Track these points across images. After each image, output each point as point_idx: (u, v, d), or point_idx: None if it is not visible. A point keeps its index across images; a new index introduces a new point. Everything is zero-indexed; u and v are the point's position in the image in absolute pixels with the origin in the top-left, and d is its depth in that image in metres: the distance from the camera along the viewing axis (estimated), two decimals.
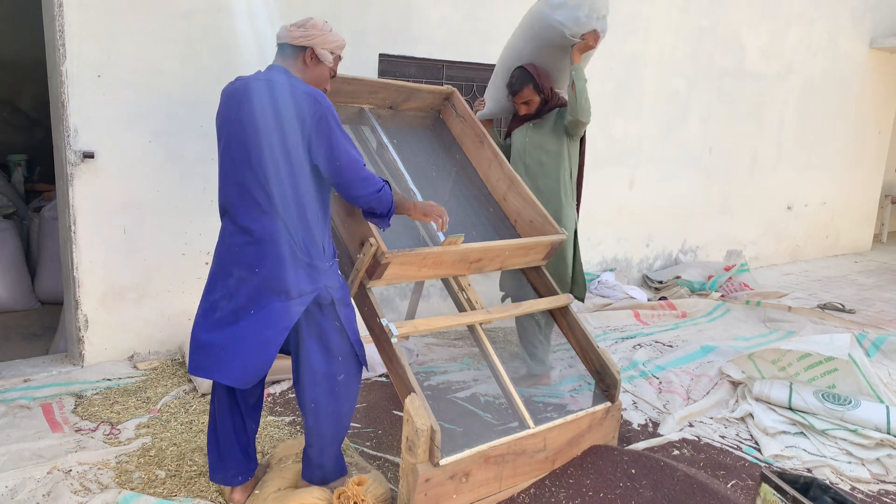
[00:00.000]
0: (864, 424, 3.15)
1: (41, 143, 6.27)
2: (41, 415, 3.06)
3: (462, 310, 3.17)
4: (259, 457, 2.78)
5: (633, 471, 2.67)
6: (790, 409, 3.35)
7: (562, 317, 3.15)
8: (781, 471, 2.45)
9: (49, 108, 3.54)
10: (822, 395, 3.35)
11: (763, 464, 3.00)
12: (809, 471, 2.96)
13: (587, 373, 3.27)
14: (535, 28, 3.48)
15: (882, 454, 3.03)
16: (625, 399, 3.62)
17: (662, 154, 6.24)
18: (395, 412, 3.30)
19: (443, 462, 2.31)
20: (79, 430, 2.94)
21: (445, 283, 3.30)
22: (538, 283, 3.23)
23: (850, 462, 3.02)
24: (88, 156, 3.39)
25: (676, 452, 3.07)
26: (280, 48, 2.32)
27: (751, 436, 3.26)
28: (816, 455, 3.05)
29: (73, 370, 3.54)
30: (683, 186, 6.49)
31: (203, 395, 3.35)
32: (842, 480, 2.91)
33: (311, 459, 2.43)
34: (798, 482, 2.17)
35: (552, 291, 3.15)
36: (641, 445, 3.08)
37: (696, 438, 3.21)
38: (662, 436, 3.20)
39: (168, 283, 3.78)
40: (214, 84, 3.71)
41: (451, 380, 3.74)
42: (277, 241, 2.18)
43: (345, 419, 2.43)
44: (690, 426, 3.33)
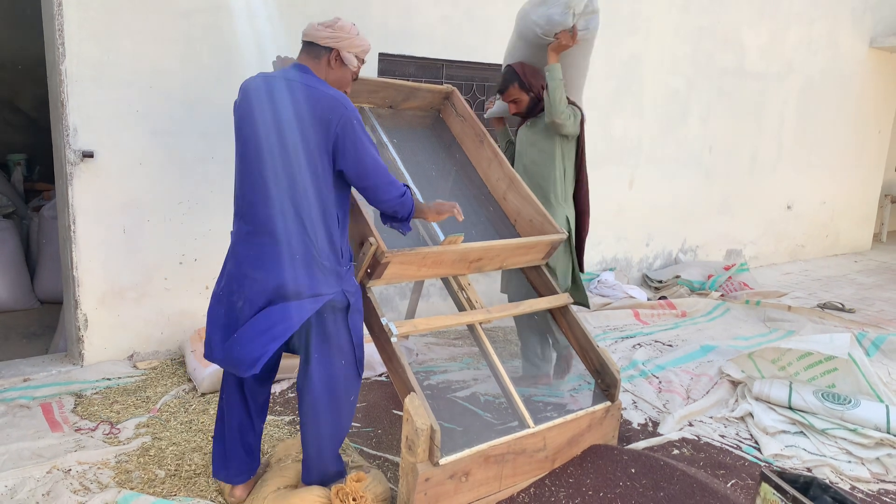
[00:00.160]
0: (864, 424, 3.15)
1: (41, 143, 6.24)
2: (41, 414, 3.06)
3: (462, 309, 3.17)
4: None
5: (633, 470, 2.67)
6: (790, 409, 3.35)
7: (561, 316, 3.15)
8: (781, 470, 2.44)
9: (49, 108, 3.54)
10: (822, 395, 3.35)
11: (763, 463, 3.00)
12: (809, 470, 2.96)
13: (587, 372, 3.26)
14: (520, 27, 3.48)
15: (882, 453, 3.03)
16: (625, 398, 3.62)
17: (662, 153, 6.24)
18: (395, 411, 3.30)
19: (442, 461, 2.31)
20: (78, 430, 2.94)
21: (445, 283, 3.30)
22: (538, 283, 3.23)
23: (850, 461, 3.02)
24: (88, 155, 3.39)
25: (676, 452, 3.07)
26: (305, 45, 2.29)
27: (750, 435, 3.26)
28: (816, 454, 3.05)
29: (73, 370, 3.54)
30: (683, 186, 6.49)
31: (203, 395, 3.35)
32: (842, 480, 2.91)
33: (310, 461, 2.43)
34: (798, 481, 2.17)
35: (552, 291, 3.15)
36: (641, 445, 3.08)
37: (696, 438, 3.21)
38: (662, 435, 3.20)
39: (168, 283, 3.78)
40: (214, 84, 3.72)
41: (451, 379, 3.74)
42: (298, 244, 2.17)
43: (345, 421, 2.43)
44: (690, 425, 3.33)
